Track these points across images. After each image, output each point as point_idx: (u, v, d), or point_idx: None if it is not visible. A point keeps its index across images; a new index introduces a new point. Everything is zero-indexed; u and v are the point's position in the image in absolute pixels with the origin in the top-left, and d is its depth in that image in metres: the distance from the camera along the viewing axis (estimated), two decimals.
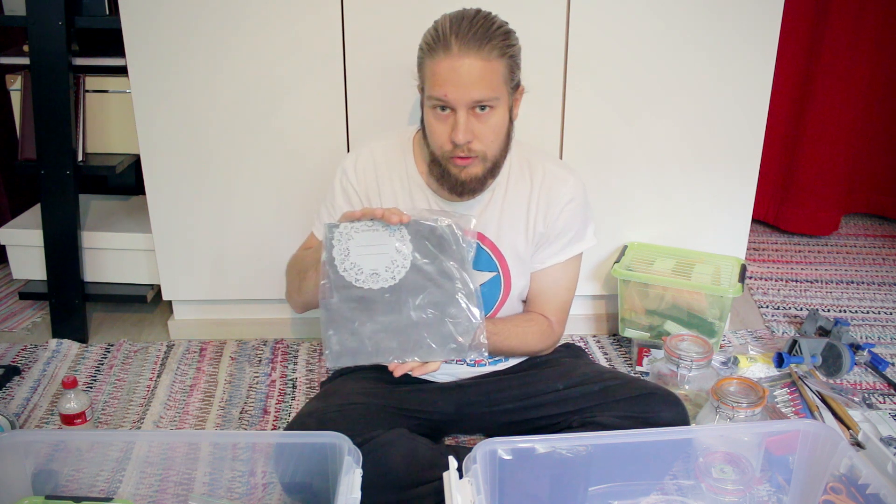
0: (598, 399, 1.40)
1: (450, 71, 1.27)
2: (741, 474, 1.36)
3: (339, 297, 1.27)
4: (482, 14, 1.30)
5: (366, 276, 1.28)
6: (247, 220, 1.83)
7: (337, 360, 1.28)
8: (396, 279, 1.28)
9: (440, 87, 1.28)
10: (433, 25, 1.32)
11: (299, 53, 1.70)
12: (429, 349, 1.29)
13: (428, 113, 1.33)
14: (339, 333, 1.28)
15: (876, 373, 1.80)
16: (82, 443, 1.42)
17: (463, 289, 1.29)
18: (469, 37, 1.26)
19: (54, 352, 1.88)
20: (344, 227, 1.28)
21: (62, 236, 1.88)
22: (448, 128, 1.30)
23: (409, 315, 1.28)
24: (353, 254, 1.27)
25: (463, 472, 1.12)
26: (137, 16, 1.66)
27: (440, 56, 1.27)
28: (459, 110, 1.28)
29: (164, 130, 1.75)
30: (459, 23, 1.28)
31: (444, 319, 1.29)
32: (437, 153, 1.34)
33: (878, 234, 2.59)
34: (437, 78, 1.28)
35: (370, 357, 1.28)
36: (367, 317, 1.28)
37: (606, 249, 1.91)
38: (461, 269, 1.29)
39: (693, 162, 1.83)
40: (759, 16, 1.71)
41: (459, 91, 1.27)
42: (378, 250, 1.28)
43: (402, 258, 1.28)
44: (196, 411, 1.68)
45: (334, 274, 1.27)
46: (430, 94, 1.30)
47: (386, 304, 1.28)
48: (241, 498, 1.41)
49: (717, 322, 1.81)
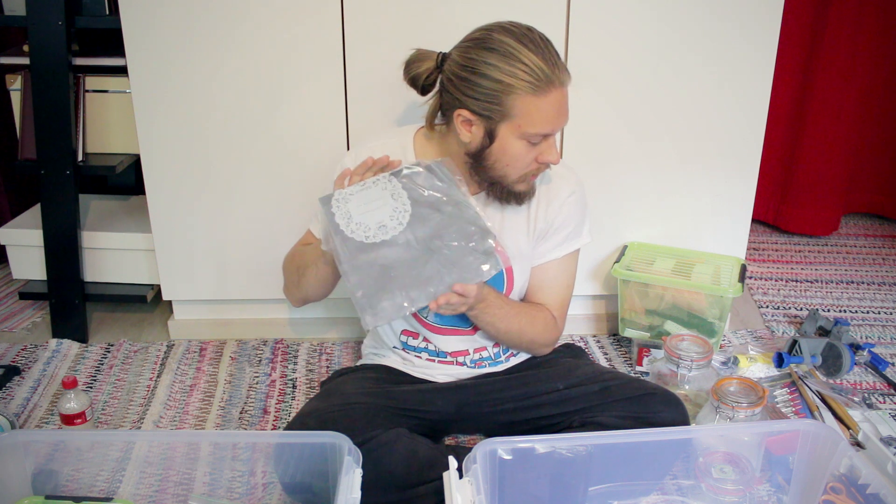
0: (598, 399, 1.40)
1: (558, 104, 1.29)
2: (741, 474, 1.36)
3: (358, 261, 1.27)
4: (542, 34, 1.30)
5: (374, 230, 1.28)
6: (247, 220, 1.83)
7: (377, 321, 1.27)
8: (404, 224, 1.29)
9: (549, 123, 1.29)
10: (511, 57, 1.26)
11: (299, 54, 1.70)
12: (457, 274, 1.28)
13: (516, 145, 1.31)
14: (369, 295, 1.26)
15: (876, 373, 1.80)
16: (82, 443, 1.42)
17: (466, 209, 1.31)
18: (560, 65, 1.28)
19: (54, 352, 1.88)
20: (338, 194, 1.30)
21: (62, 236, 1.88)
22: (536, 153, 1.32)
23: (428, 251, 1.28)
24: (355, 214, 1.29)
25: (463, 472, 1.12)
26: (137, 16, 1.66)
27: (546, 90, 1.26)
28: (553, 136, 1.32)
29: (164, 130, 1.75)
30: (543, 52, 1.27)
31: (459, 241, 1.29)
32: (514, 176, 1.35)
33: (878, 234, 2.59)
34: (542, 114, 1.28)
35: (407, 307, 1.27)
36: (389, 270, 1.27)
37: (606, 249, 1.91)
38: (456, 193, 1.32)
39: (693, 162, 1.83)
40: (759, 16, 1.71)
41: (563, 121, 1.32)
42: (377, 205, 1.30)
43: (401, 204, 1.30)
44: (196, 411, 1.68)
45: (344, 240, 1.28)
46: (533, 131, 1.29)
47: (402, 248, 1.28)
48: (241, 498, 1.41)
49: (717, 322, 1.81)
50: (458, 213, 1.31)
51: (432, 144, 1.44)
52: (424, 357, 1.51)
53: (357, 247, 1.28)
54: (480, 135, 1.32)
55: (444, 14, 1.67)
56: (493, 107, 1.28)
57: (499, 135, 1.30)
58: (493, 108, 1.28)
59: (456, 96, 1.31)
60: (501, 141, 1.31)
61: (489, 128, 1.30)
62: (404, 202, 1.30)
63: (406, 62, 1.40)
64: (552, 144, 1.33)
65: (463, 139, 1.33)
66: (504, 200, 1.40)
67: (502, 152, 1.32)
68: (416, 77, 1.39)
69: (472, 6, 1.65)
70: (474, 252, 1.29)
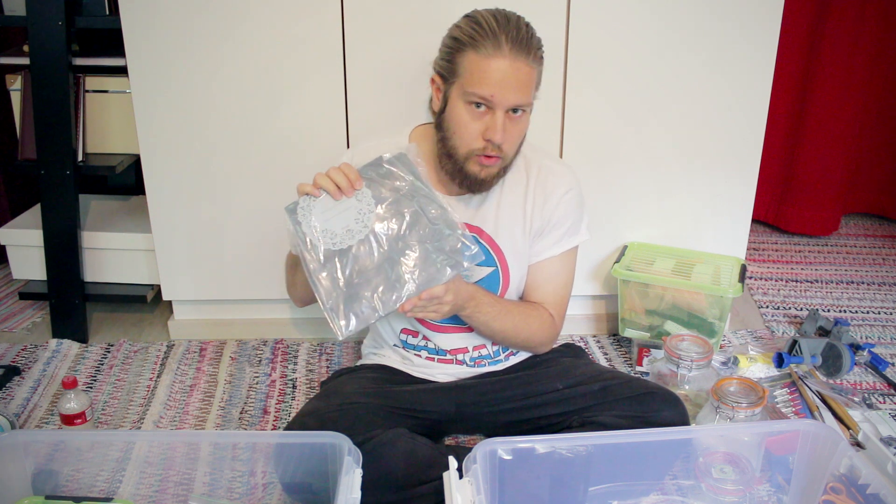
0: (597, 399, 1.40)
1: (500, 71, 1.26)
2: (741, 474, 1.36)
3: (327, 269, 1.27)
4: (522, 18, 1.31)
5: (340, 236, 1.28)
6: (247, 220, 1.83)
7: (347, 329, 1.26)
8: (369, 227, 1.29)
9: (487, 85, 1.27)
10: (472, 18, 1.30)
11: (299, 53, 1.70)
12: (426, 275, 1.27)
13: (460, 107, 1.31)
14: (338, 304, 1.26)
15: (876, 373, 1.80)
16: (82, 443, 1.42)
17: (431, 205, 1.30)
18: (520, 39, 1.26)
19: (54, 352, 1.88)
20: (303, 201, 1.30)
21: (62, 236, 1.88)
22: (481, 126, 1.30)
23: (396, 252, 1.28)
24: (321, 221, 1.29)
25: (463, 472, 1.12)
26: (137, 16, 1.66)
27: (489, 52, 1.26)
28: (498, 111, 1.29)
29: (164, 130, 1.75)
30: (507, 22, 1.27)
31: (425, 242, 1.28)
32: (462, 150, 1.34)
33: (878, 234, 2.59)
34: (483, 75, 1.27)
35: (378, 312, 1.26)
36: (359, 276, 1.27)
37: (606, 249, 1.91)
38: (421, 188, 1.31)
39: (693, 162, 1.83)
40: (759, 16, 1.71)
41: (506, 93, 1.28)
42: (342, 208, 1.29)
43: (365, 206, 1.29)
44: (196, 411, 1.68)
45: (311, 248, 1.28)
46: (470, 90, 1.28)
47: (370, 253, 1.28)
48: (241, 498, 1.41)
49: (717, 322, 1.81)
50: (424, 212, 1.30)
51: (427, 141, 1.44)
52: (424, 355, 1.52)
53: (325, 254, 1.27)
54: (440, 98, 1.35)
55: (445, 14, 1.66)
56: (447, 64, 1.32)
57: (450, 97, 1.33)
58: (447, 66, 1.32)
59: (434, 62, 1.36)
60: (451, 104, 1.33)
61: (445, 91, 1.33)
62: (368, 202, 1.30)
63: None
64: (497, 120, 1.29)
65: (435, 109, 1.37)
66: (464, 186, 1.39)
67: (451, 118, 1.33)
68: None
69: (472, 6, 1.64)
70: (440, 252, 1.28)
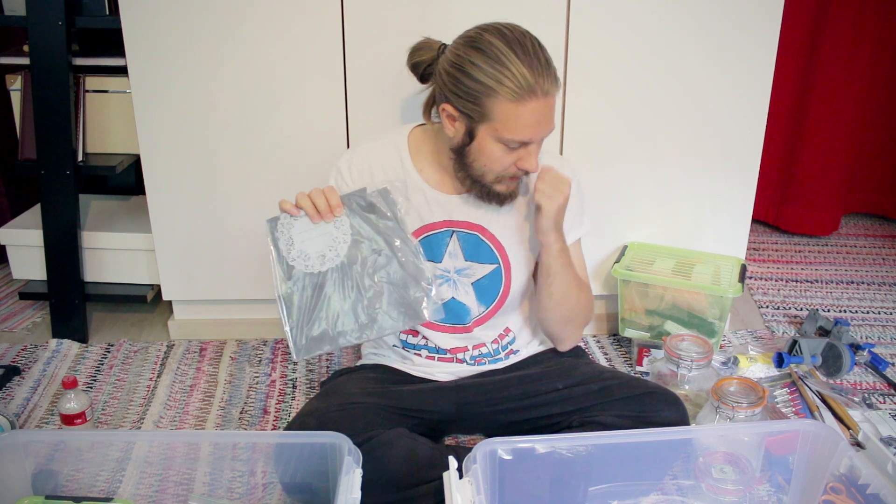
0: (597, 398, 1.40)
1: (537, 113, 1.28)
2: (741, 474, 1.36)
3: (294, 289, 1.28)
4: (536, 41, 1.29)
5: (313, 260, 1.29)
6: (247, 221, 1.83)
7: (304, 352, 1.28)
8: (341, 256, 1.30)
9: (525, 130, 1.28)
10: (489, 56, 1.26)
11: (299, 53, 1.70)
12: (388, 320, 1.29)
13: (491, 145, 1.31)
14: (300, 325, 1.28)
15: (876, 373, 1.80)
16: (82, 443, 1.42)
17: (406, 248, 1.31)
18: (547, 75, 1.27)
19: (54, 352, 1.88)
20: (284, 218, 1.31)
21: (62, 236, 1.88)
22: (514, 157, 1.32)
23: (362, 289, 1.29)
24: (297, 241, 1.30)
25: (463, 472, 1.12)
26: (137, 16, 1.66)
27: (524, 99, 1.26)
28: (532, 145, 1.31)
29: (164, 130, 1.75)
30: (531, 60, 1.26)
31: (394, 284, 1.30)
32: (490, 176, 1.35)
33: (878, 234, 2.59)
34: (521, 121, 1.27)
35: (334, 342, 1.28)
36: (323, 302, 1.28)
37: (606, 249, 1.91)
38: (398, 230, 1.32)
39: (693, 162, 1.83)
40: (759, 16, 1.71)
41: (543, 130, 1.31)
42: (319, 232, 1.30)
43: (342, 234, 1.30)
44: (196, 411, 1.68)
45: (284, 266, 1.29)
46: (508, 137, 1.29)
47: (338, 283, 1.29)
48: (241, 498, 1.41)
49: (717, 322, 1.81)
50: (395, 255, 1.31)
51: (427, 142, 1.44)
52: (424, 354, 1.52)
53: (295, 275, 1.29)
54: (462, 132, 1.33)
55: (445, 14, 1.67)
56: (474, 107, 1.29)
57: (478, 135, 1.31)
58: (474, 109, 1.29)
59: (443, 91, 1.33)
60: (480, 141, 1.32)
61: (470, 126, 1.31)
62: (346, 232, 1.31)
63: (411, 48, 1.43)
64: (532, 152, 1.32)
65: (448, 133, 1.35)
66: (486, 199, 1.40)
67: (480, 152, 1.33)
68: (417, 64, 1.42)
69: (472, 6, 1.65)
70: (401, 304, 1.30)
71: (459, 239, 1.45)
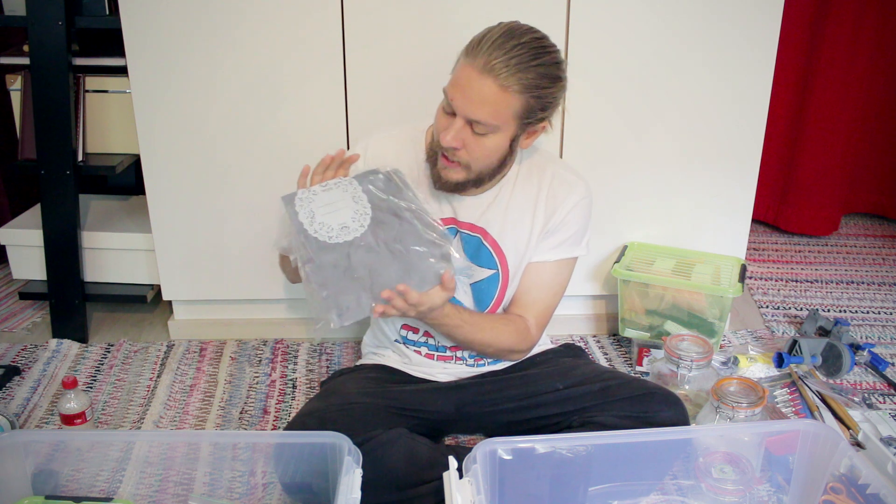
0: (597, 399, 1.40)
1: (466, 80, 1.27)
2: (741, 474, 1.36)
3: (321, 261, 1.28)
4: (534, 43, 1.28)
5: (336, 230, 1.30)
6: (247, 221, 1.83)
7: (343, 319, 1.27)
8: (365, 226, 1.31)
9: (453, 88, 1.29)
10: (491, 27, 1.29)
11: (299, 53, 1.70)
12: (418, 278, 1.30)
13: (441, 103, 1.34)
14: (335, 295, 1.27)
15: (876, 373, 1.80)
16: (82, 443, 1.42)
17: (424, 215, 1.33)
18: (500, 59, 1.24)
19: (54, 352, 1.88)
20: (302, 193, 1.32)
21: (62, 236, 1.88)
22: (445, 125, 1.32)
23: (389, 254, 1.30)
24: (318, 214, 1.30)
25: (463, 472, 1.12)
26: (137, 16, 1.66)
27: (467, 60, 1.27)
28: (459, 118, 1.30)
29: (164, 130, 1.75)
30: (504, 40, 1.26)
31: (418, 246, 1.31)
32: (434, 144, 1.37)
33: (878, 234, 2.59)
34: (456, 79, 1.30)
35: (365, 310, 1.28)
36: (353, 271, 1.28)
37: (606, 249, 1.91)
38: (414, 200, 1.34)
39: (693, 162, 1.83)
40: (759, 16, 1.71)
41: (464, 103, 1.28)
42: (339, 206, 1.32)
43: (362, 207, 1.32)
44: (196, 411, 1.68)
45: (307, 239, 1.29)
46: (445, 88, 1.31)
47: (364, 251, 1.29)
48: (241, 498, 1.41)
49: (717, 322, 1.81)
50: (417, 219, 1.32)
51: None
52: (424, 352, 1.52)
53: (320, 246, 1.29)
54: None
55: (445, 14, 1.67)
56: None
57: None
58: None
59: None
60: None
61: None
62: (364, 205, 1.32)
63: None
64: (452, 125, 1.30)
65: None
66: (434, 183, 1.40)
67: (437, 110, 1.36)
68: None
69: (472, 6, 1.65)
70: (433, 256, 1.30)
71: (462, 240, 1.45)
